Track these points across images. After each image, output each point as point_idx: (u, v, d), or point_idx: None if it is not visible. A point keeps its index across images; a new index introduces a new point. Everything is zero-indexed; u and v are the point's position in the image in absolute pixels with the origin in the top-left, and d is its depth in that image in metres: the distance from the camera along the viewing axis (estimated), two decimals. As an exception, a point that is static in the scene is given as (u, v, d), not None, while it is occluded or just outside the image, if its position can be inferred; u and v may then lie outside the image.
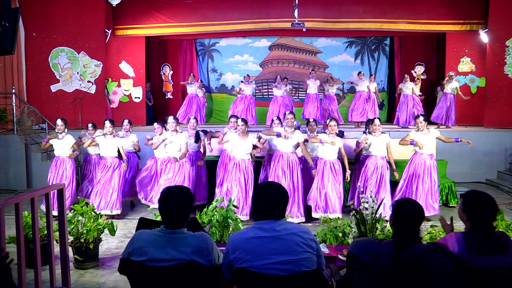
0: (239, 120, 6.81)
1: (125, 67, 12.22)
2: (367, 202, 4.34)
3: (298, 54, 14.35)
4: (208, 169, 7.59)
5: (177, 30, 12.09)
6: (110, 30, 11.59)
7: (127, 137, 7.67)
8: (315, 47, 14.30)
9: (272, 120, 7.54)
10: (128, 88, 12.33)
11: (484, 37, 11.39)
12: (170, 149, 6.95)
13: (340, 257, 3.58)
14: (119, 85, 12.28)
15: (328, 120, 6.98)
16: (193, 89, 12.00)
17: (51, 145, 7.16)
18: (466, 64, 11.98)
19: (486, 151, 9.94)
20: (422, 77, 12.79)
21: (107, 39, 11.52)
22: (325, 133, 6.89)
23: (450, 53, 12.06)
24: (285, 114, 7.12)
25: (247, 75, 12.42)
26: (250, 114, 11.82)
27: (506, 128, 10.68)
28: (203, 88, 12.43)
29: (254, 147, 6.79)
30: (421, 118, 6.72)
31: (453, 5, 11.43)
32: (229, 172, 6.73)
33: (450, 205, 7.59)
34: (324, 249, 3.61)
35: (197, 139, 7.35)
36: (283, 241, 2.35)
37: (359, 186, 6.58)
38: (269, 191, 2.49)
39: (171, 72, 13.81)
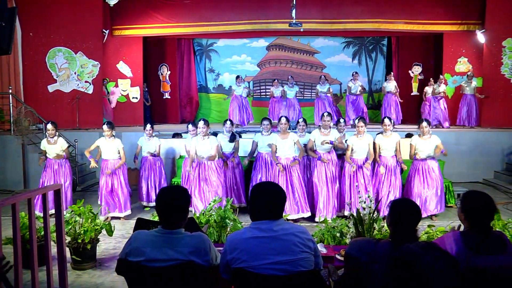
0: (283, 118, 6.79)
1: (122, 67, 12.19)
2: (364, 202, 4.34)
3: (295, 54, 14.35)
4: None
5: (175, 31, 12.06)
6: (108, 30, 11.56)
7: (150, 141, 7.60)
8: (312, 47, 14.30)
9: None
10: (126, 88, 12.31)
11: (481, 37, 11.41)
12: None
13: (338, 257, 3.59)
14: (116, 85, 12.26)
15: (356, 120, 6.94)
16: (239, 90, 11.86)
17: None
18: (463, 64, 12.01)
19: (483, 151, 9.97)
20: (420, 77, 12.80)
21: (105, 39, 11.48)
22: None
23: (447, 53, 12.09)
24: (322, 115, 6.98)
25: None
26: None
27: (503, 128, 10.69)
28: (247, 88, 12.32)
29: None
30: (425, 123, 6.76)
31: (451, 5, 11.44)
32: (274, 172, 6.74)
33: (448, 205, 7.59)
34: (321, 249, 3.61)
35: (232, 139, 7.29)
36: (280, 241, 2.35)
37: (356, 185, 6.59)
38: (266, 191, 2.49)
39: (169, 72, 13.79)
